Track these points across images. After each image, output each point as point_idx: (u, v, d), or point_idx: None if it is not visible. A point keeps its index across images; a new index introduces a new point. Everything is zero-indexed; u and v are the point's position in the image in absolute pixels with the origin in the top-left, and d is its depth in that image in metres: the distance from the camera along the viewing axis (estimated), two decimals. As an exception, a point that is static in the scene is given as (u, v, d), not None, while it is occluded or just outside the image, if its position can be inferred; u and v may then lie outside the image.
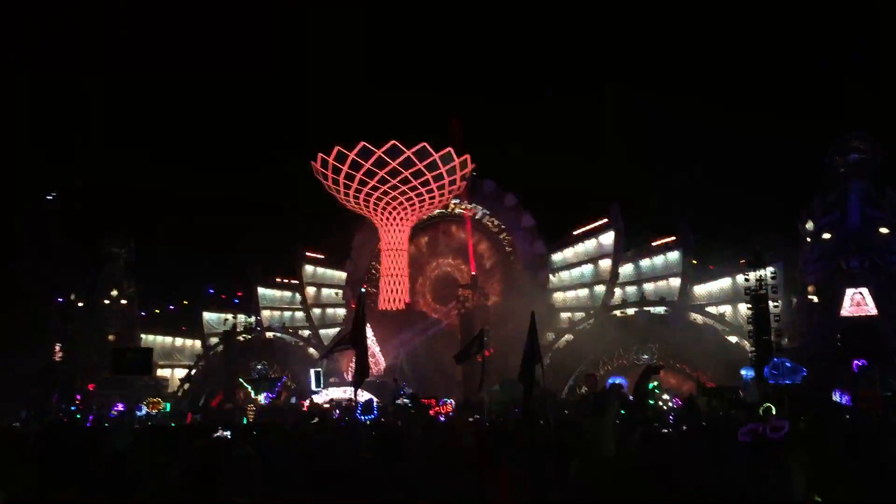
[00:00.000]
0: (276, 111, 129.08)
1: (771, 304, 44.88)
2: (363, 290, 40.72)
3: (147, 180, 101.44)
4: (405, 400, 38.54)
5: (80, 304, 64.63)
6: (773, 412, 24.02)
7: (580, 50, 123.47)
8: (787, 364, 38.75)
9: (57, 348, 59.75)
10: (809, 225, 51.30)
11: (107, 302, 65.58)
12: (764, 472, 2.93)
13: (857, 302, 46.21)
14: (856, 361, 40.31)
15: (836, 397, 32.19)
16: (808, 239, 51.09)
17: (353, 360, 17.69)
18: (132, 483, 4.70)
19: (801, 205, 52.66)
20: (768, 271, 45.96)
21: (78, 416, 46.17)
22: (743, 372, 44.82)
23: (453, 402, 40.44)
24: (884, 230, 47.76)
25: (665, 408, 36.34)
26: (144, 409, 47.26)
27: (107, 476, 4.81)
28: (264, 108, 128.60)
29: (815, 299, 48.70)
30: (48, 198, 64.78)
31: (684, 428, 16.00)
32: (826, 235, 49.23)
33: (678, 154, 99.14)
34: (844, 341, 44.19)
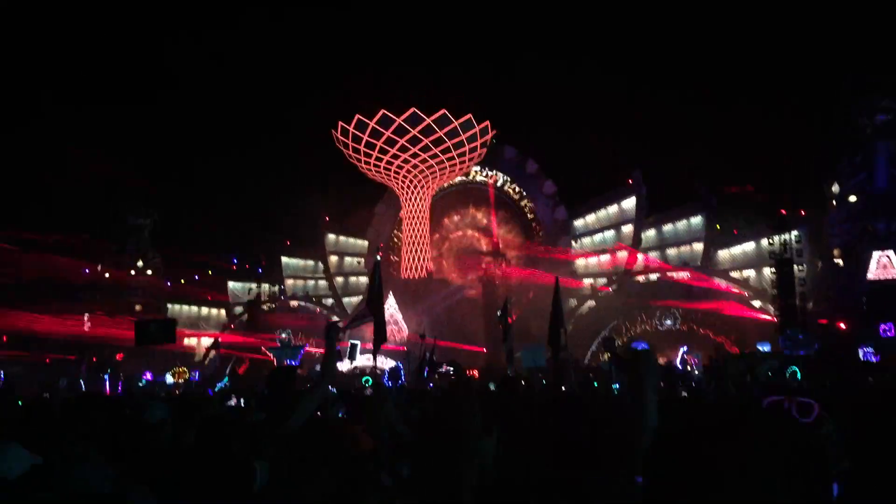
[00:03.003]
0: (299, 80, 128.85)
1: (796, 267, 44.38)
2: (378, 257, 40.60)
3: (173, 151, 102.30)
4: (449, 368, 38.24)
5: (107, 276, 65.42)
6: (798, 377, 23.83)
7: (595, 15, 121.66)
8: (800, 336, 38.34)
9: (85, 318, 60.62)
10: (835, 187, 50.52)
11: (133, 273, 66.33)
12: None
13: (884, 265, 45.48)
14: (882, 325, 39.77)
15: (861, 355, 31.90)
16: (834, 202, 50.34)
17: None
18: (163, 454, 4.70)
19: (827, 167, 51.85)
20: (793, 235, 45.42)
21: (108, 386, 46.81)
22: (759, 347, 43.33)
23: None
24: (912, 191, 46.91)
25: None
26: (171, 379, 47.80)
27: (139, 448, 4.84)
28: (286, 76, 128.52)
29: (841, 262, 48.09)
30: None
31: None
32: (852, 198, 48.45)
33: (700, 117, 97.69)
34: (870, 304, 43.65)
